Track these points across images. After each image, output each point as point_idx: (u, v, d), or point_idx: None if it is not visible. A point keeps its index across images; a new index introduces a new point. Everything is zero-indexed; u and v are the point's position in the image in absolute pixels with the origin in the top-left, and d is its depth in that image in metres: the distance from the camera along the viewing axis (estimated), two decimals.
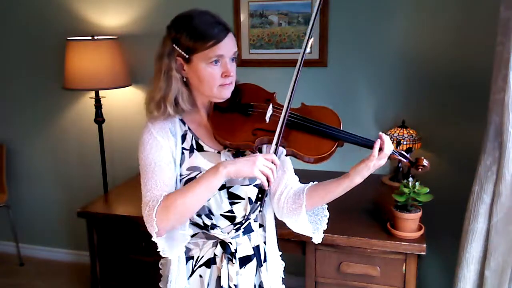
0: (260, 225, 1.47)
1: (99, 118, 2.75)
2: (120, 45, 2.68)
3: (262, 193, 1.26)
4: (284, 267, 1.57)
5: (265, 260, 1.46)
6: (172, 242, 1.28)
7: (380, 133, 1.27)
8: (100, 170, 2.84)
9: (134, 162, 1.42)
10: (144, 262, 2.15)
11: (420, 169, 1.30)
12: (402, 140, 2.25)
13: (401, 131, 2.28)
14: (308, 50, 1.29)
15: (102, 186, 2.84)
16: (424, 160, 1.30)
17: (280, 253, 1.55)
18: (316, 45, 2.49)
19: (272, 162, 1.19)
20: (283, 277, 1.56)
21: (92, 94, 2.73)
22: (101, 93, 2.72)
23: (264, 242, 1.47)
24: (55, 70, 2.88)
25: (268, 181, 1.18)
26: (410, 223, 1.79)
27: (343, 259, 1.88)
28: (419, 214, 1.81)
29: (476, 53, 2.25)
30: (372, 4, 2.38)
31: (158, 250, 1.26)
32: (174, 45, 1.26)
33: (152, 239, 1.23)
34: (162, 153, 1.28)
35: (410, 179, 1.79)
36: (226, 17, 2.63)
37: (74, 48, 2.54)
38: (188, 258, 1.41)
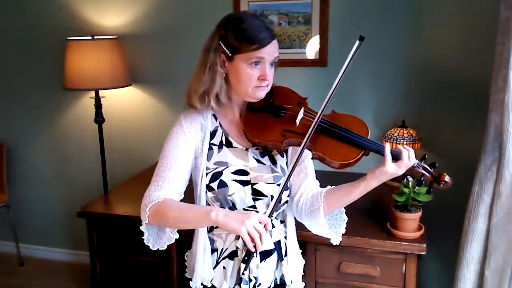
0: (281, 221, 1.49)
1: (99, 118, 2.75)
2: (120, 45, 2.68)
3: (248, 255, 1.26)
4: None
5: (286, 255, 1.48)
6: (159, 235, 1.37)
7: (402, 146, 1.29)
8: (100, 170, 2.84)
9: (134, 162, 1.43)
10: (144, 262, 2.15)
11: (442, 185, 1.34)
12: (402, 140, 2.25)
13: (401, 131, 2.28)
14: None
15: (102, 186, 2.84)
16: (447, 176, 1.33)
17: (301, 251, 1.58)
18: (317, 45, 2.48)
19: (265, 226, 1.19)
20: (303, 274, 1.59)
21: (92, 94, 2.73)
22: (101, 93, 2.72)
23: (285, 237, 1.49)
24: (55, 70, 2.88)
25: (254, 243, 1.16)
26: (410, 223, 1.79)
27: (343, 259, 1.88)
28: (419, 214, 1.81)
29: (476, 53, 2.25)
30: (372, 4, 2.38)
31: (142, 237, 1.35)
32: (220, 42, 1.31)
33: (141, 227, 1.32)
34: (185, 149, 1.35)
35: (410, 179, 1.79)
36: None
37: (74, 48, 2.54)
38: (213, 250, 1.44)
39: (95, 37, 2.66)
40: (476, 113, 2.23)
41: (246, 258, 1.27)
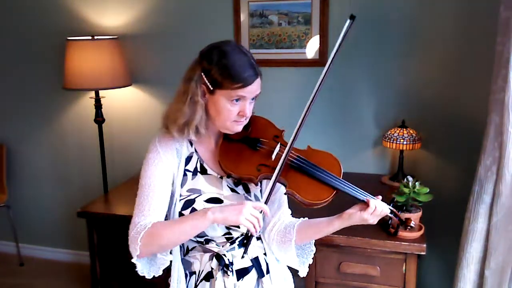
0: (258, 238, 1.46)
1: (99, 118, 2.75)
2: (120, 45, 2.68)
3: (248, 239, 1.29)
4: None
5: (268, 272, 1.45)
6: (151, 263, 1.33)
7: (376, 199, 1.32)
8: (100, 170, 2.84)
9: (134, 162, 1.43)
10: None
11: (408, 229, 1.40)
12: (402, 140, 2.25)
13: (401, 131, 2.28)
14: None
15: (102, 186, 2.84)
16: (412, 221, 1.39)
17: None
18: (316, 45, 2.48)
19: (261, 211, 1.22)
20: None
21: (92, 94, 2.73)
22: (101, 93, 2.72)
23: (264, 254, 1.46)
24: (55, 70, 2.88)
25: (255, 229, 1.21)
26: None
27: (343, 259, 1.88)
28: (419, 214, 1.81)
29: (476, 53, 2.25)
30: (372, 4, 2.38)
31: (136, 269, 1.31)
32: (203, 74, 1.28)
33: (132, 260, 1.28)
34: (164, 175, 1.32)
35: (410, 179, 1.79)
36: (226, 17, 2.68)
37: (74, 48, 2.54)
38: (191, 273, 1.41)
39: (95, 37, 2.66)
40: (475, 113, 2.24)
41: (245, 241, 1.30)
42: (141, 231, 1.24)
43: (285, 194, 1.36)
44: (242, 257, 1.36)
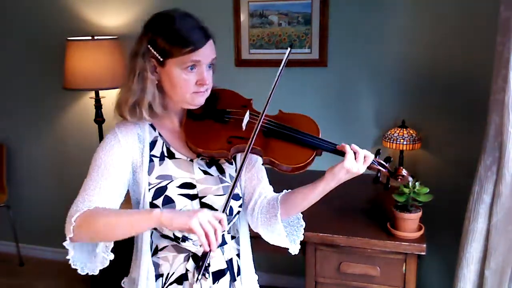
0: (233, 237, 1.38)
1: (99, 118, 2.75)
2: (120, 45, 2.68)
3: (203, 257, 1.13)
4: (283, 268, 1.55)
5: (238, 274, 1.36)
6: (91, 258, 1.20)
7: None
8: None
9: None
10: None
11: (399, 179, 1.27)
12: (402, 140, 2.25)
13: (401, 131, 2.28)
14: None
15: None
16: (403, 170, 1.27)
17: (254, 264, 1.45)
18: (316, 45, 2.49)
19: (220, 222, 1.05)
20: None
21: (92, 94, 2.73)
22: (101, 93, 2.72)
23: (237, 255, 1.38)
24: (55, 70, 2.88)
25: (208, 240, 1.02)
26: (410, 223, 1.79)
27: (343, 259, 1.88)
28: (419, 214, 1.81)
29: (476, 53, 2.25)
30: (372, 4, 2.38)
31: (67, 257, 1.17)
32: (149, 46, 1.19)
33: (64, 243, 1.15)
34: (119, 159, 1.21)
35: (410, 179, 1.79)
36: (226, 17, 2.68)
37: (74, 48, 2.54)
38: (158, 275, 1.29)
39: (95, 37, 2.66)
40: (476, 113, 2.24)
41: (200, 262, 1.14)
42: (79, 211, 1.11)
43: (263, 164, 1.26)
44: (196, 280, 1.21)
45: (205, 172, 1.29)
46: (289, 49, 1.29)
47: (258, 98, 1.37)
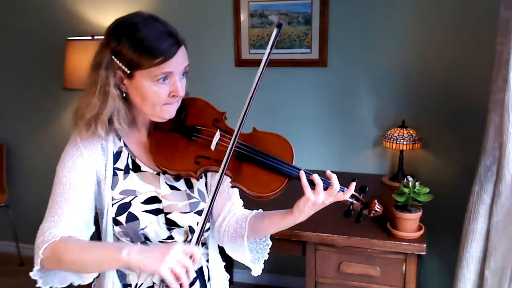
0: (203, 244, 1.31)
1: None
2: None
3: None
4: (283, 267, 1.55)
5: (208, 279, 1.32)
6: (59, 276, 1.11)
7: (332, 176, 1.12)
8: None
9: None
10: None
11: (372, 214, 1.17)
12: (402, 140, 2.25)
13: (401, 131, 2.28)
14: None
15: None
16: (377, 204, 1.17)
17: (224, 263, 1.40)
18: (316, 45, 2.49)
19: (191, 257, 0.99)
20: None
21: None
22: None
23: (207, 261, 1.32)
24: (55, 70, 2.88)
25: (180, 283, 0.96)
26: (410, 223, 1.79)
27: (343, 259, 1.88)
28: (419, 214, 1.81)
29: (476, 53, 2.25)
30: (372, 4, 2.38)
31: (37, 286, 1.09)
32: (113, 57, 1.07)
33: (31, 274, 1.07)
34: (84, 175, 1.13)
35: (410, 179, 1.79)
36: (226, 17, 2.67)
37: (74, 48, 2.54)
38: (125, 285, 1.22)
39: (95, 37, 2.66)
40: (476, 113, 2.24)
41: None
42: (46, 241, 1.04)
43: (232, 187, 1.16)
44: None
45: (172, 187, 1.21)
46: (275, 29, 1.16)
47: (258, 98, 1.36)
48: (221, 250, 1.35)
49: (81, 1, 2.84)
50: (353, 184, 1.14)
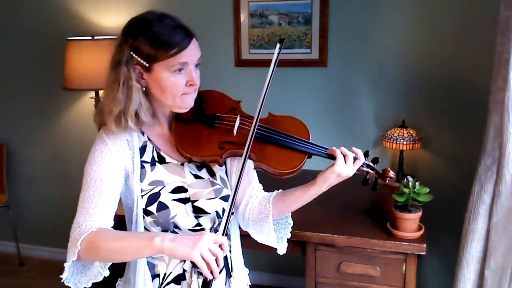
0: (226, 234, 1.36)
1: None
2: None
3: (205, 285, 1.09)
4: (283, 267, 1.55)
5: (232, 270, 1.38)
6: (82, 271, 1.18)
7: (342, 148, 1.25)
8: None
9: None
10: None
11: (387, 180, 1.31)
12: (402, 140, 2.25)
13: (401, 131, 2.28)
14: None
15: None
16: (391, 171, 1.30)
17: (243, 259, 1.46)
18: (316, 45, 2.49)
19: (220, 247, 1.06)
20: (250, 284, 1.49)
21: (92, 94, 2.73)
22: (101, 93, 2.71)
23: (230, 251, 1.38)
24: (55, 70, 2.88)
25: (211, 270, 1.03)
26: (410, 223, 1.79)
27: (343, 259, 1.88)
28: (419, 214, 1.81)
29: (476, 53, 2.25)
30: (372, 5, 2.38)
31: (61, 276, 1.14)
32: (132, 53, 1.16)
33: (66, 264, 1.13)
34: (113, 169, 1.19)
35: (410, 179, 1.79)
36: (226, 17, 2.68)
37: (74, 48, 2.54)
38: (154, 275, 1.28)
39: (95, 37, 2.67)
40: (476, 113, 2.24)
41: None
42: (83, 233, 1.09)
43: (254, 168, 1.26)
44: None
45: (196, 176, 1.28)
46: (278, 45, 1.29)
47: (258, 98, 1.36)
48: None
49: (81, 1, 2.84)
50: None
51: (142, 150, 1.25)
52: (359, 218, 1.98)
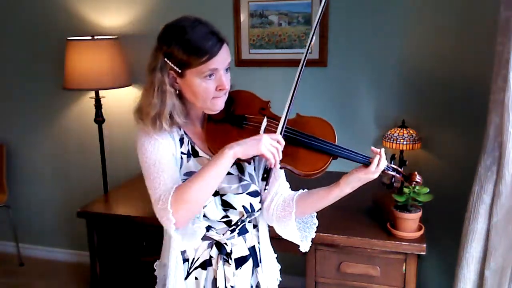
0: (254, 226, 1.46)
1: (99, 118, 2.75)
2: (120, 45, 2.68)
3: (268, 172, 1.22)
4: (283, 267, 1.57)
5: (260, 261, 1.45)
6: (187, 237, 1.26)
7: (379, 150, 1.28)
8: (100, 170, 2.84)
9: (134, 162, 1.42)
10: (144, 262, 2.14)
11: (414, 184, 1.33)
12: (402, 140, 2.25)
13: (401, 131, 2.28)
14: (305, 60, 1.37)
15: (102, 186, 2.84)
16: (417, 175, 1.32)
17: (276, 255, 1.54)
18: (316, 45, 2.49)
19: (278, 142, 1.18)
20: (280, 280, 1.55)
21: (92, 94, 2.73)
22: (101, 93, 2.72)
23: (258, 243, 1.46)
24: (55, 70, 2.88)
25: (275, 159, 1.16)
26: (410, 223, 1.79)
27: (343, 259, 1.88)
28: (419, 214, 1.81)
29: (476, 53, 2.25)
30: (372, 5, 2.38)
31: (175, 244, 1.29)
32: (166, 59, 1.22)
33: (171, 232, 1.19)
34: (164, 151, 1.26)
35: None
36: (226, 17, 2.68)
37: (74, 48, 2.54)
38: (184, 260, 1.38)
39: (95, 37, 2.66)
40: (475, 113, 2.24)
41: (265, 175, 1.22)
42: (167, 198, 1.16)
43: (280, 168, 1.30)
44: (265, 189, 1.27)
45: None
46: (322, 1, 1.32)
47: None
48: None
49: (81, 1, 2.84)
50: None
51: (181, 142, 1.32)
52: (359, 218, 1.98)
